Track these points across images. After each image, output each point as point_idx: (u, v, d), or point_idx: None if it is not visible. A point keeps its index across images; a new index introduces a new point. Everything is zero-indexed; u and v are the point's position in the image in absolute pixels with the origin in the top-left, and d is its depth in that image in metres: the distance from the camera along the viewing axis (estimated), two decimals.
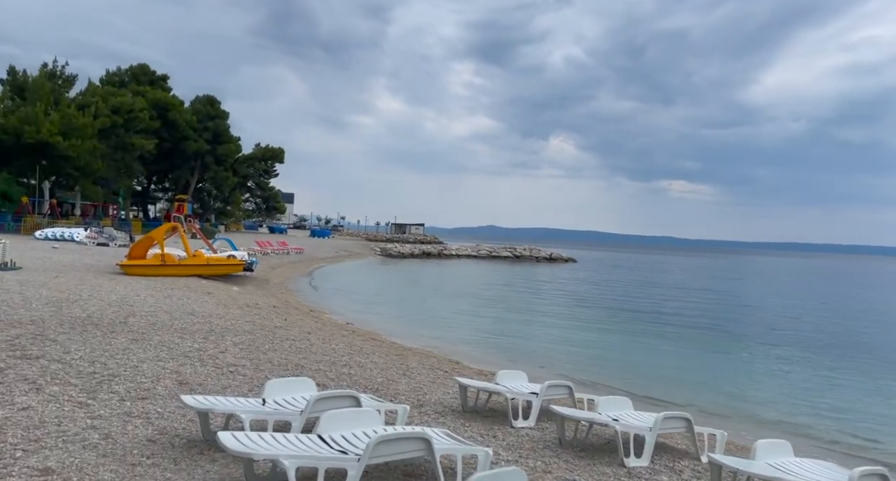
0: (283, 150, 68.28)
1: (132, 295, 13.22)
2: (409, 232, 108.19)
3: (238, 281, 20.93)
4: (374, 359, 8.51)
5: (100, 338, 7.87)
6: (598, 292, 30.54)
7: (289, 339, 9.46)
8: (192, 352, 7.60)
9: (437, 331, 15.18)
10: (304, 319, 13.51)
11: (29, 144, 37.41)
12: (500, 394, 5.64)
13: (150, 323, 9.71)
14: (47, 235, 29.76)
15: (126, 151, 46.79)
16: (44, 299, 11.06)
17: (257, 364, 7.18)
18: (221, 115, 59.65)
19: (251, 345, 8.48)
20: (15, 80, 41.26)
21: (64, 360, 6.37)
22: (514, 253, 63.26)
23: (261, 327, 10.71)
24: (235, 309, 13.35)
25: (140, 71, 52.10)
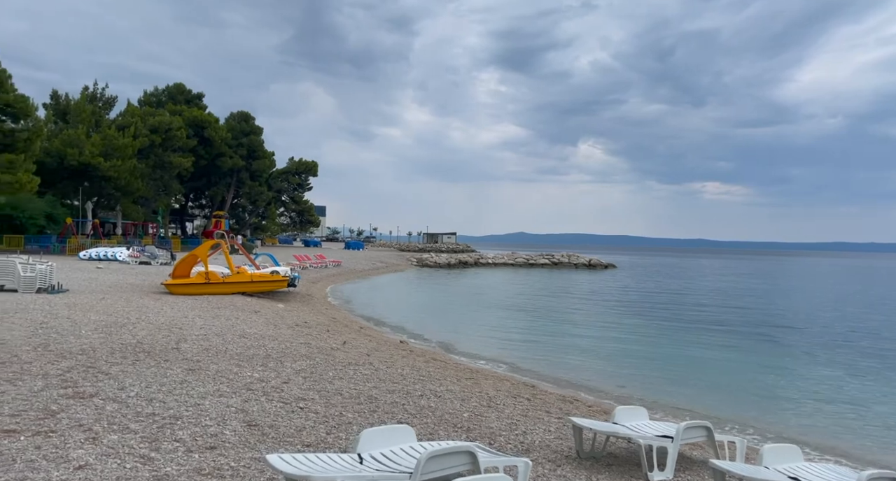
0: (317, 164, 68.59)
1: (180, 316, 12.74)
2: (441, 241, 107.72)
3: (282, 297, 20.45)
4: (448, 386, 7.68)
5: (154, 369, 7.25)
6: (649, 300, 29.18)
7: (351, 364, 8.72)
8: (254, 383, 6.90)
9: (494, 347, 14.29)
10: (357, 338, 12.81)
11: (72, 166, 38.12)
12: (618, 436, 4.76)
13: (202, 348, 9.11)
14: (91, 255, 29.97)
15: (164, 170, 47.45)
16: (92, 324, 10.61)
17: (327, 397, 6.43)
18: (256, 131, 60.23)
19: (314, 373, 7.76)
20: (58, 105, 42.24)
21: (119, 399, 5.73)
22: (551, 260, 61.91)
23: (318, 350, 10.02)
24: (286, 329, 12.73)
25: (176, 90, 52.96)
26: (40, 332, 9.32)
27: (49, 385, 6.10)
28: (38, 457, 4.09)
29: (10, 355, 7.48)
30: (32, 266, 15.33)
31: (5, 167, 30.24)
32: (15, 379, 6.22)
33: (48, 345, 8.33)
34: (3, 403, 5.32)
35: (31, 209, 36.41)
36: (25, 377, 6.37)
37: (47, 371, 6.75)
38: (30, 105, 32.94)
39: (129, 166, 40.98)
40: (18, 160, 30.85)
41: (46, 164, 36.30)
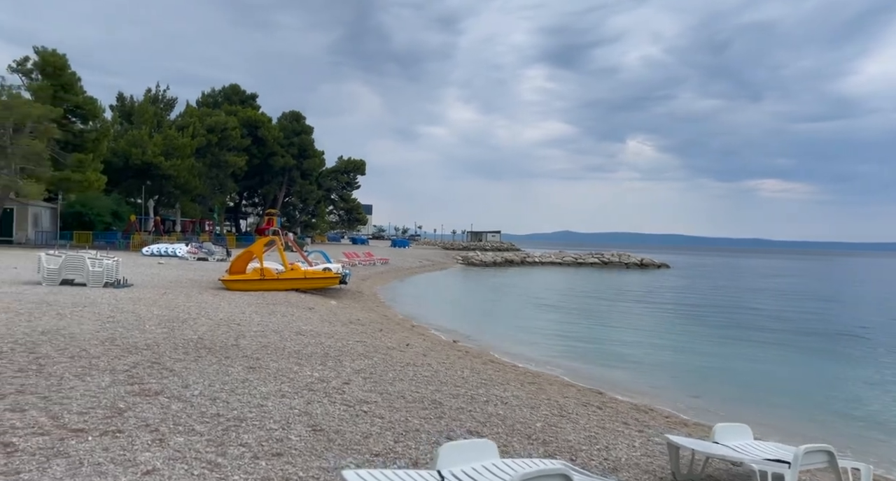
0: (364, 163, 69.33)
1: (238, 313, 12.84)
2: (486, 240, 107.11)
3: (334, 294, 20.53)
4: (513, 391, 7.30)
5: (216, 366, 7.19)
6: (708, 302, 27.88)
7: (409, 365, 8.46)
8: (315, 383, 6.72)
9: (549, 350, 13.79)
10: (411, 337, 12.58)
11: (136, 165, 39.72)
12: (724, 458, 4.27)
13: (261, 345, 9.06)
14: (153, 251, 31.06)
15: (220, 169, 48.89)
16: (156, 319, 10.78)
17: (389, 400, 6.17)
18: (306, 130, 61.34)
19: (373, 374, 7.53)
20: (123, 107, 44.12)
21: (184, 397, 5.63)
22: (601, 259, 60.42)
23: (374, 349, 9.83)
24: (340, 326, 12.65)
25: (231, 91, 54.48)
26: (107, 326, 9.49)
27: (116, 381, 6.08)
28: (106, 460, 3.96)
29: (79, 349, 7.58)
30: (100, 261, 15.85)
31: (75, 166, 31.72)
32: (84, 375, 6.23)
33: (115, 340, 8.43)
34: (71, 400, 5.29)
35: (99, 207, 38.15)
36: (94, 372, 6.39)
37: (114, 366, 6.77)
38: (98, 107, 34.46)
39: (188, 165, 42.40)
40: (87, 159, 32.30)
41: (112, 164, 37.94)
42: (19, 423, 4.53)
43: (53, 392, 5.49)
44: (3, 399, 5.15)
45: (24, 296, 12.28)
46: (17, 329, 8.58)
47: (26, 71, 31.70)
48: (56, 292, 13.46)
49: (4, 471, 3.67)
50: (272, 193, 62.34)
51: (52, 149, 30.32)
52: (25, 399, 5.19)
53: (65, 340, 8.06)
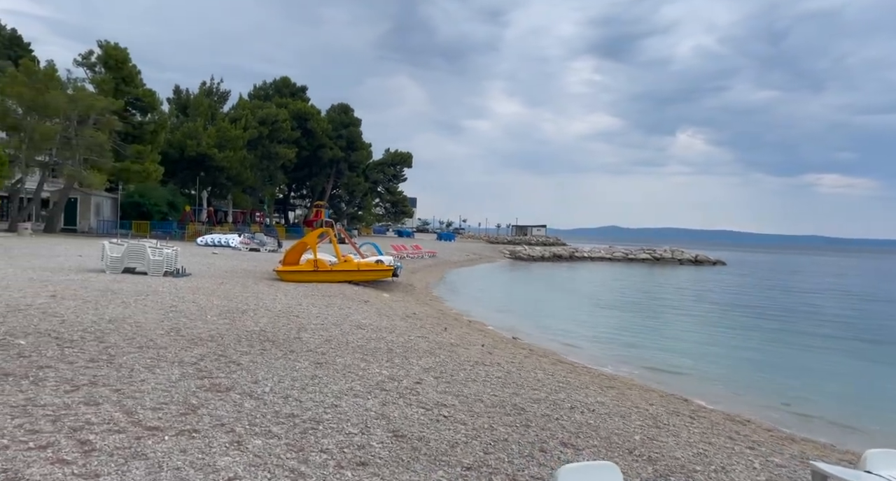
0: (411, 155, 69.27)
1: (295, 304, 12.70)
2: (531, 234, 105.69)
3: (386, 287, 20.32)
4: (596, 397, 6.76)
5: (282, 361, 6.93)
6: (774, 302, 26.39)
7: (479, 364, 8.02)
8: (386, 381, 6.36)
9: (612, 348, 13.11)
10: (470, 334, 12.16)
11: (190, 157, 40.68)
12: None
13: (324, 339, 8.79)
14: (207, 241, 31.68)
15: (270, 160, 49.62)
16: (216, 309, 10.70)
17: (468, 404, 5.73)
18: (354, 123, 61.63)
19: (443, 373, 7.12)
20: (179, 99, 45.25)
21: (255, 394, 5.34)
22: (653, 255, 58.54)
23: (438, 346, 9.44)
24: (398, 320, 12.33)
25: (282, 84, 55.20)
26: (171, 316, 9.43)
27: (185, 374, 5.87)
28: (185, 464, 3.66)
29: (146, 339, 7.46)
30: (160, 250, 16.05)
31: (135, 157, 32.66)
32: (153, 367, 6.05)
33: (180, 330, 8.32)
34: (144, 393, 5.08)
35: (156, 197, 39.27)
36: (163, 364, 6.21)
37: (182, 358, 6.59)
38: (156, 99, 35.40)
39: (240, 157, 43.17)
40: (146, 151, 33.21)
41: (169, 155, 38.96)
42: (94, 418, 4.31)
43: (125, 384, 5.30)
44: (77, 390, 4.97)
45: (89, 284, 12.46)
46: (85, 317, 8.58)
47: (90, 64, 32.80)
48: (119, 280, 13.65)
49: (83, 473, 3.41)
50: (320, 185, 63.01)
51: (114, 140, 31.27)
52: (99, 391, 5.00)
53: (131, 329, 7.98)
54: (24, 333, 7.04)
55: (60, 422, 4.16)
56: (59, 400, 4.67)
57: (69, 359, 6.02)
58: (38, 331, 7.24)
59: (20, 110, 28.49)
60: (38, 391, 4.85)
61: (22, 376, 5.24)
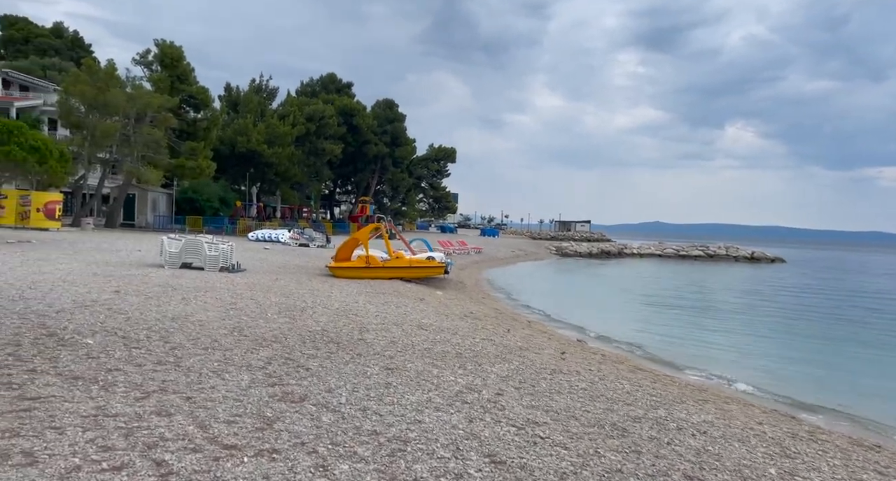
0: (455, 150, 68.81)
1: (351, 302, 12.39)
2: (575, 229, 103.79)
3: (438, 284, 19.91)
4: (699, 414, 6.08)
5: (351, 365, 6.53)
6: (848, 302, 24.67)
7: (557, 372, 7.44)
8: (464, 392, 5.86)
9: (686, 353, 12.26)
10: (534, 336, 11.57)
11: (241, 153, 41.33)
12: None
13: (388, 341, 8.39)
14: (258, 237, 32.03)
15: (317, 156, 50.06)
16: (275, 307, 10.46)
17: (561, 422, 5.16)
18: (399, 118, 61.60)
19: (523, 382, 6.58)
20: (230, 96, 46.05)
21: (331, 406, 4.93)
22: (706, 251, 56.31)
23: (506, 349, 8.90)
24: (458, 320, 11.85)
25: (329, 80, 55.58)
26: (231, 314, 9.21)
27: (255, 380, 5.52)
28: None
29: (210, 340, 7.20)
30: (216, 245, 16.06)
31: (189, 153, 33.32)
32: (221, 371, 5.73)
33: (242, 330, 8.06)
34: (215, 402, 4.73)
35: (208, 193, 40.06)
36: (231, 368, 5.89)
37: (249, 361, 6.27)
38: (209, 96, 36.03)
39: (288, 153, 43.63)
40: (199, 147, 33.84)
41: (220, 151, 39.67)
42: (168, 433, 3.96)
43: (195, 391, 4.97)
44: (148, 398, 4.66)
45: (150, 279, 12.47)
46: (148, 314, 8.42)
47: (147, 63, 33.62)
48: (178, 275, 13.64)
49: None
50: (365, 181, 63.31)
51: (169, 137, 31.94)
52: (169, 399, 4.68)
53: (195, 329, 7.75)
54: (91, 331, 6.88)
55: (133, 437, 3.82)
56: (129, 409, 4.36)
57: (137, 361, 5.77)
58: (105, 330, 7.07)
59: (83, 108, 29.40)
60: (109, 398, 4.56)
61: (91, 380, 4.98)
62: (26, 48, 52.99)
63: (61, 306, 8.29)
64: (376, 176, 63.34)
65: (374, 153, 58.07)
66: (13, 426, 3.78)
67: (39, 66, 46.74)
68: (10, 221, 26.11)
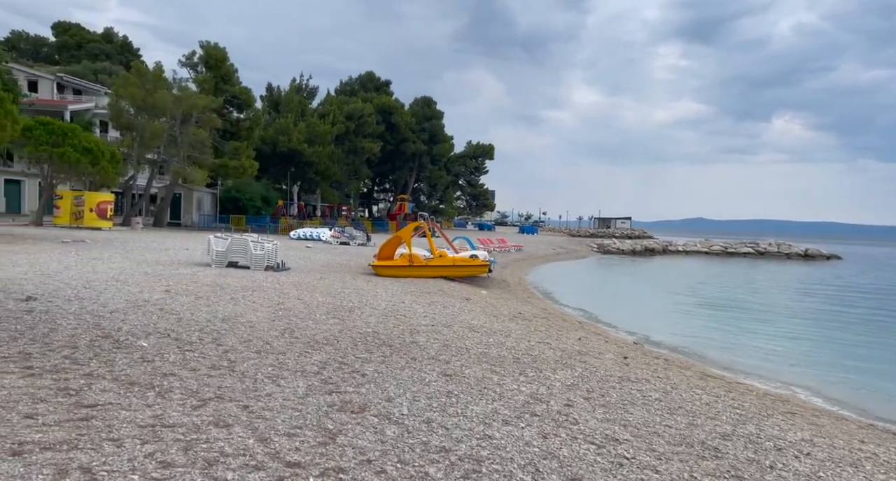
0: (493, 147, 68.17)
1: (398, 302, 12.16)
2: (615, 227, 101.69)
3: (481, 283, 19.54)
4: (794, 431, 5.53)
5: (407, 371, 6.23)
6: None
7: (624, 379, 6.98)
8: (531, 402, 5.49)
9: (752, 359, 11.55)
10: (589, 338, 11.07)
11: (282, 152, 41.81)
12: None
13: (441, 344, 8.07)
14: (300, 235, 32.27)
15: (356, 155, 50.28)
16: (323, 307, 10.29)
17: (645, 440, 4.72)
18: (437, 116, 61.38)
19: (591, 392, 6.15)
20: (271, 97, 46.67)
21: (393, 417, 4.63)
22: (755, 248, 54.16)
23: (565, 354, 8.47)
24: (508, 321, 11.46)
25: (367, 78, 55.78)
26: (280, 315, 9.07)
27: (311, 387, 5.27)
28: None
29: (262, 342, 7.02)
30: (261, 244, 16.09)
31: (232, 153, 33.84)
32: (276, 377, 5.51)
33: (293, 331, 7.88)
34: (274, 412, 4.48)
35: (251, 192, 40.68)
36: (285, 373, 5.67)
37: (303, 366, 6.04)
38: (251, 96, 36.54)
39: (328, 151, 43.92)
40: (242, 147, 34.35)
41: (262, 151, 40.22)
42: (228, 447, 3.72)
43: (252, 400, 4.75)
44: (205, 406, 4.46)
45: (198, 278, 12.51)
46: (199, 315, 8.34)
47: (192, 64, 34.32)
48: (225, 274, 13.68)
49: None
50: (403, 179, 63.37)
51: (214, 137, 32.50)
52: (226, 408, 4.46)
53: (245, 330, 7.60)
54: (145, 333, 6.79)
55: (193, 451, 3.59)
56: (187, 418, 4.15)
57: (191, 366, 5.60)
58: (158, 331, 6.98)
59: (132, 110, 30.19)
60: (165, 406, 4.37)
61: (147, 386, 4.82)
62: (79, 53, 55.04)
63: (115, 306, 8.28)
64: (414, 173, 63.32)
65: (412, 151, 58.02)
66: (71, 437, 3.60)
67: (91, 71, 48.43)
68: (66, 221, 27.00)
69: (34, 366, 5.04)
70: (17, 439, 3.48)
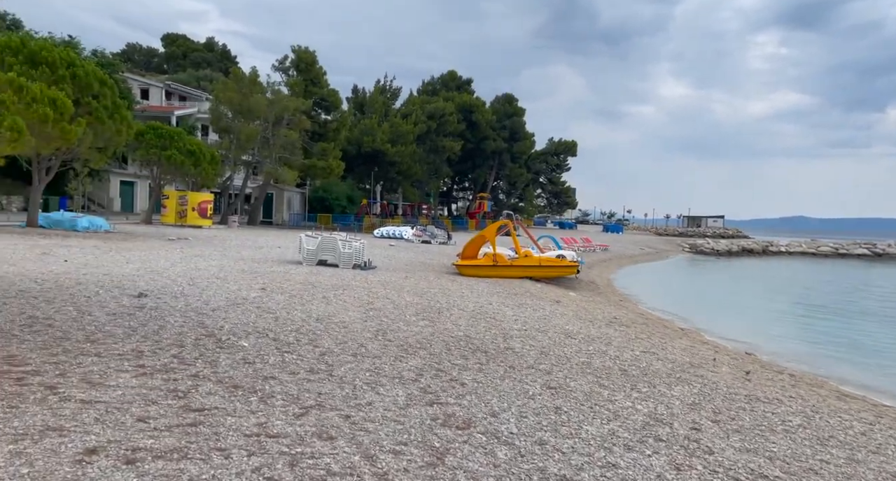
0: (576, 143, 66.33)
1: (485, 303, 11.82)
2: (706, 226, 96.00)
3: (568, 284, 18.82)
4: None
5: (508, 382, 5.86)
6: None
7: (752, 398, 6.23)
8: (651, 424, 4.94)
9: (890, 376, 10.19)
10: (696, 347, 10.20)
11: (366, 153, 42.73)
12: None
13: (538, 351, 7.63)
14: (383, 233, 32.76)
15: (437, 154, 50.50)
16: (412, 308, 10.14)
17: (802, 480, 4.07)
18: (518, 113, 60.52)
19: (717, 412, 5.50)
20: (357, 98, 47.85)
21: (502, 436, 4.27)
22: (872, 250, 49.12)
23: (675, 364, 7.78)
24: (605, 327, 10.81)
25: (449, 77, 55.91)
26: (371, 315, 8.99)
27: (412, 397, 5.02)
28: None
29: (357, 344, 6.91)
30: (350, 243, 16.30)
31: (320, 154, 34.94)
32: (374, 384, 5.32)
33: (385, 333, 7.74)
34: (376, 424, 4.26)
35: (337, 192, 41.88)
36: (383, 380, 5.47)
37: (400, 372, 5.83)
38: (339, 98, 37.59)
39: (410, 151, 44.40)
40: (329, 148, 35.39)
41: (347, 151, 41.27)
42: (334, 464, 3.51)
43: (353, 409, 4.56)
44: (307, 414, 4.31)
45: (291, 276, 12.78)
46: (294, 314, 8.40)
47: (284, 68, 35.80)
48: (316, 273, 13.92)
49: None
50: (482, 177, 63.02)
51: (303, 138, 33.69)
52: (328, 418, 4.29)
53: (340, 332, 7.53)
54: (245, 332, 6.86)
55: (299, 468, 3.41)
56: (290, 428, 4.00)
57: (290, 369, 5.53)
58: (257, 330, 7.04)
59: (230, 114, 31.89)
60: (269, 413, 4.26)
61: (250, 390, 4.75)
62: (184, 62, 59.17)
63: (216, 304, 8.51)
64: (494, 171, 62.79)
65: (492, 149, 57.54)
66: (181, 444, 3.53)
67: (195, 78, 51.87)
68: (171, 220, 28.94)
69: (146, 365, 5.14)
70: (131, 444, 3.44)
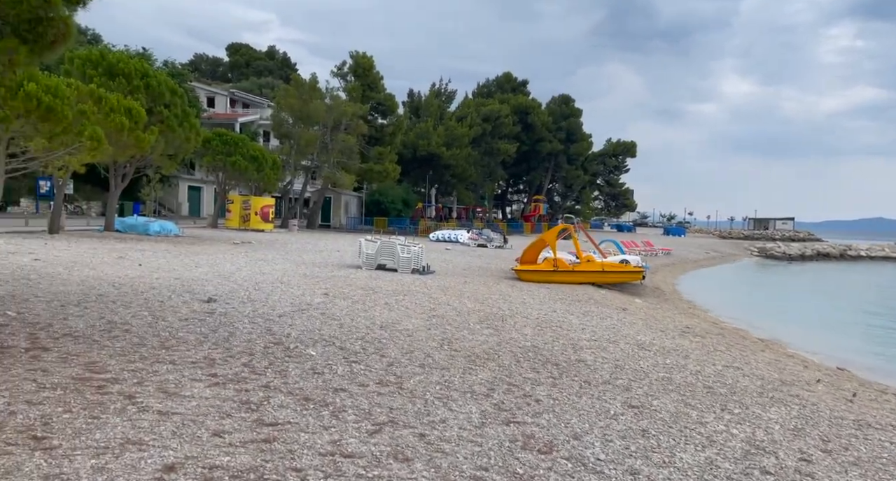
0: (635, 144, 64.46)
1: (548, 310, 11.43)
2: (774, 228, 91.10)
3: (633, 290, 18.09)
4: None
5: (585, 399, 5.51)
6: None
7: (860, 423, 5.63)
8: (753, 452, 4.48)
9: None
10: (781, 361, 9.47)
11: (421, 156, 42.91)
12: None
13: (612, 364, 7.22)
14: (439, 237, 32.72)
15: (492, 156, 50.16)
16: (474, 314, 9.89)
17: None
18: (575, 114, 59.36)
19: (828, 441, 4.97)
20: (412, 102, 48.20)
21: (588, 462, 3.95)
22: None
23: (763, 381, 7.18)
24: (678, 337, 10.21)
25: (504, 79, 55.51)
26: (434, 322, 8.80)
27: (486, 415, 4.76)
28: None
29: (423, 354, 6.72)
30: (408, 247, 16.23)
31: (376, 158, 35.32)
32: (446, 398, 5.09)
33: (451, 342, 7.52)
34: (452, 444, 4.02)
35: (393, 195, 42.26)
36: (454, 394, 5.24)
37: (471, 385, 5.59)
38: (395, 102, 37.95)
39: (465, 154, 44.28)
40: (386, 152, 35.72)
41: (402, 155, 41.57)
42: None
43: (426, 426, 4.34)
44: (380, 432, 4.13)
45: (352, 281, 12.79)
46: (358, 321, 8.31)
47: (342, 74, 36.47)
48: (375, 277, 13.91)
49: None
50: (538, 179, 62.12)
51: (360, 143, 34.14)
52: (402, 436, 4.09)
53: (404, 340, 7.37)
54: (311, 340, 6.80)
55: None
56: (365, 447, 3.83)
57: (359, 380, 5.39)
58: (324, 338, 6.97)
59: (290, 120, 32.74)
60: (342, 429, 4.11)
61: (321, 403, 4.62)
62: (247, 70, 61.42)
63: (282, 310, 8.54)
64: (549, 173, 61.78)
65: (547, 150, 56.64)
66: (257, 463, 3.41)
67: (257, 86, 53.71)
68: (235, 224, 29.91)
69: (218, 374, 5.11)
70: (208, 461, 3.34)
